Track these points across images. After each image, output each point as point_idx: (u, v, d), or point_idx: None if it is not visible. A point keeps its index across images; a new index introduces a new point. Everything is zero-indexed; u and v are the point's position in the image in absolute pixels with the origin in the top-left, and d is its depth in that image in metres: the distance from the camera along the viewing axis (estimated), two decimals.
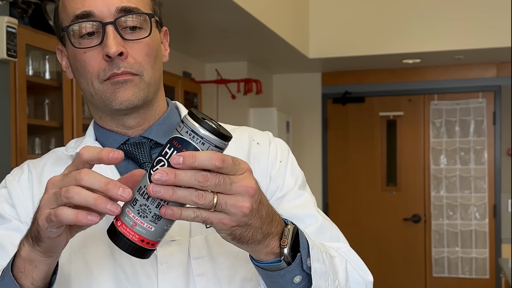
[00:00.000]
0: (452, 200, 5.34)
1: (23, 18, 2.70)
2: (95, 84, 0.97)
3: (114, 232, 0.74)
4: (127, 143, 1.02)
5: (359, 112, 5.52)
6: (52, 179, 0.74)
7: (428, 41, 4.49)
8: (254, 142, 1.07)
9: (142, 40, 0.97)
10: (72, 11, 0.97)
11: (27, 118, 2.55)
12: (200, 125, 0.70)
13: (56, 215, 0.71)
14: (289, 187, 1.05)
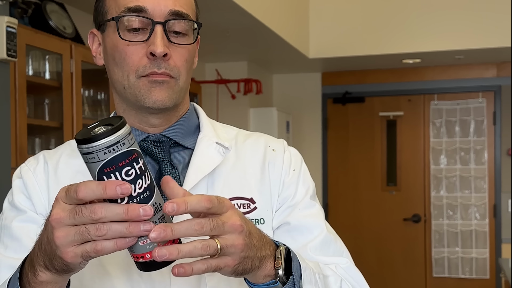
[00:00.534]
0: (452, 200, 5.34)
1: (23, 18, 2.70)
2: (131, 78, 0.98)
3: (150, 264, 0.74)
4: (147, 140, 1.03)
5: (359, 112, 5.52)
6: (56, 218, 0.72)
7: (428, 41, 4.49)
8: (270, 148, 1.09)
9: (184, 45, 0.99)
10: (125, 2, 0.97)
11: (27, 118, 2.55)
12: (94, 141, 0.68)
13: (97, 251, 0.71)
14: (300, 196, 1.07)
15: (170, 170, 1.00)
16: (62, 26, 2.91)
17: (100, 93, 3.18)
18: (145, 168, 0.72)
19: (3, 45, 2.17)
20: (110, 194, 0.69)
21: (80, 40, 3.02)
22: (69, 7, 3.16)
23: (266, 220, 1.03)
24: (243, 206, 1.01)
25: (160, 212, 0.73)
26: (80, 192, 0.70)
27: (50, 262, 0.76)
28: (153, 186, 0.73)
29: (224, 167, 1.03)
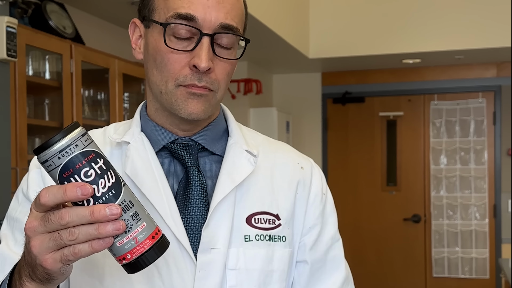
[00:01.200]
0: (452, 200, 5.34)
1: (23, 18, 2.70)
2: (169, 85, 0.95)
3: (134, 264, 0.74)
4: (176, 143, 1.01)
5: (359, 112, 5.52)
6: (30, 227, 0.73)
7: (428, 41, 4.49)
8: (298, 166, 1.08)
9: (228, 60, 0.97)
10: (175, 6, 0.94)
11: (27, 118, 2.55)
12: (46, 148, 0.69)
13: (75, 254, 0.71)
14: (332, 225, 1.09)
15: (197, 177, 0.99)
16: (62, 26, 2.91)
17: (100, 93, 3.18)
18: (107, 167, 0.72)
19: (3, 45, 2.17)
20: (71, 196, 0.69)
21: (80, 40, 3.02)
22: (69, 7, 3.16)
23: (287, 239, 1.02)
24: (269, 222, 1.01)
25: (132, 209, 0.72)
26: (42, 197, 0.70)
27: (33, 272, 0.76)
28: (120, 184, 0.72)
29: (253, 178, 1.02)
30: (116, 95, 3.19)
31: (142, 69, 3.48)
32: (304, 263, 1.06)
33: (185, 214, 0.97)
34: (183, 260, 0.95)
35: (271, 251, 0.99)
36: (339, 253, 1.10)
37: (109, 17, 3.53)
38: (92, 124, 3.09)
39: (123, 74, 3.24)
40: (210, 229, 0.96)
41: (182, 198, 0.98)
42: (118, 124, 1.09)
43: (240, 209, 0.99)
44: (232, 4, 0.96)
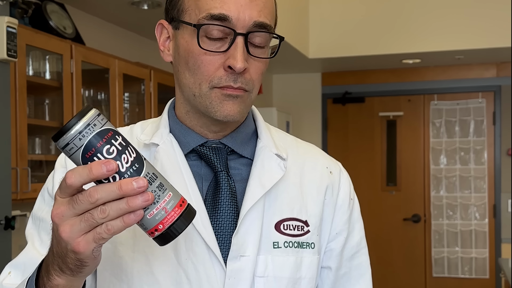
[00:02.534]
0: (452, 200, 5.34)
1: (23, 18, 2.70)
2: (203, 87, 0.93)
3: (166, 234, 0.74)
4: (205, 146, 0.99)
5: (359, 112, 5.52)
6: (58, 213, 0.72)
7: (428, 41, 4.49)
8: (327, 170, 1.07)
9: (262, 59, 0.95)
10: (208, 6, 0.91)
11: (27, 118, 2.55)
12: (66, 131, 0.70)
13: (108, 230, 0.70)
14: (358, 231, 1.09)
15: (227, 181, 0.98)
16: (62, 26, 2.91)
17: (100, 93, 3.18)
18: (126, 143, 0.72)
19: (3, 45, 2.17)
20: (97, 174, 0.69)
21: (80, 40, 3.03)
22: (69, 7, 3.16)
23: (316, 245, 1.01)
24: (298, 228, 0.99)
25: (157, 181, 0.73)
26: (68, 179, 0.70)
27: (64, 263, 0.75)
28: (141, 158, 0.73)
29: (282, 183, 1.00)
30: (116, 95, 3.19)
31: (142, 69, 3.48)
32: (328, 269, 1.05)
33: (215, 219, 0.96)
34: (212, 267, 0.94)
35: (300, 258, 0.98)
36: (365, 261, 1.09)
37: (109, 17, 3.53)
38: None
39: (123, 74, 3.25)
40: (239, 236, 0.95)
41: (211, 203, 0.97)
42: (145, 123, 1.07)
43: (269, 215, 0.98)
44: (265, 1, 0.94)
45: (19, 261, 0.98)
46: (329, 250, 1.04)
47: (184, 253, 0.93)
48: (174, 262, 0.94)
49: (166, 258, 0.94)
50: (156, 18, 3.84)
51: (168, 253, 0.94)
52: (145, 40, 4.06)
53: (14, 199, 2.38)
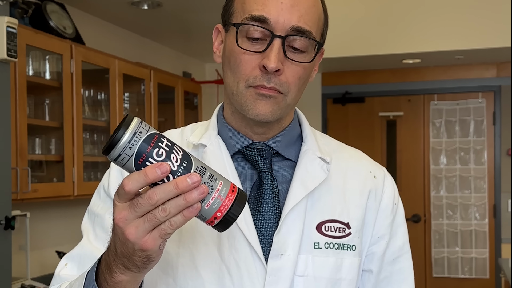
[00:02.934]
0: (452, 200, 5.34)
1: (23, 18, 2.70)
2: (240, 86, 0.97)
3: (225, 221, 0.77)
4: (250, 147, 1.03)
5: (359, 112, 5.52)
6: (121, 218, 0.75)
7: (428, 41, 4.49)
8: (371, 175, 1.09)
9: (300, 63, 0.97)
10: (250, 8, 0.96)
11: (27, 118, 2.55)
12: (116, 143, 0.74)
13: (171, 226, 0.75)
14: (401, 235, 1.09)
15: (270, 182, 1.01)
16: (62, 26, 2.91)
17: (100, 93, 3.18)
18: (171, 143, 0.76)
19: (3, 45, 2.17)
20: (153, 177, 0.73)
21: (80, 40, 3.02)
22: (69, 7, 3.16)
23: (357, 247, 1.03)
24: (339, 230, 1.01)
25: (207, 172, 0.77)
26: (126, 186, 0.74)
27: (130, 261, 0.78)
28: (187, 154, 0.77)
29: (325, 186, 1.03)
30: (116, 95, 3.19)
31: (142, 69, 3.48)
32: (369, 272, 1.07)
33: (257, 218, 0.99)
34: (254, 264, 0.97)
35: (340, 260, 1.00)
36: (408, 265, 1.10)
37: (109, 17, 3.53)
38: (92, 124, 3.10)
39: (123, 74, 3.25)
40: (281, 235, 0.98)
41: (255, 203, 1.00)
42: (195, 125, 1.11)
43: (311, 216, 1.00)
44: (307, 8, 0.97)
45: (75, 254, 1.03)
46: (370, 254, 1.06)
47: (227, 249, 0.97)
48: (217, 258, 0.98)
49: (210, 254, 0.98)
50: (156, 18, 3.84)
51: (212, 249, 0.98)
52: (145, 40, 4.06)
53: (14, 199, 2.38)
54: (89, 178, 3.08)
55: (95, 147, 3.17)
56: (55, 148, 2.84)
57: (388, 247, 1.07)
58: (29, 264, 2.84)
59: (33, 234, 2.98)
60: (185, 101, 4.09)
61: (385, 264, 1.07)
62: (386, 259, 1.07)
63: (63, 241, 3.24)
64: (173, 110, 3.89)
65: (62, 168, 2.81)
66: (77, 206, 3.35)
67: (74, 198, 2.89)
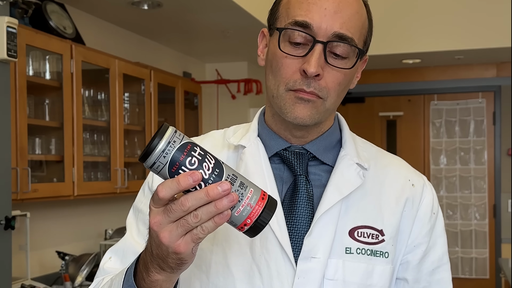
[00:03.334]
0: (452, 200, 5.34)
1: (23, 18, 2.70)
2: (280, 89, 0.99)
3: (255, 227, 0.80)
4: (288, 150, 1.05)
5: (359, 112, 5.52)
6: (155, 222, 0.79)
7: (428, 41, 4.49)
8: (410, 183, 1.08)
9: (340, 69, 0.98)
10: (294, 13, 0.98)
11: (27, 118, 2.55)
12: (151, 152, 0.77)
13: (203, 231, 0.77)
14: (440, 246, 1.09)
15: (305, 185, 1.02)
16: (63, 26, 2.91)
17: (100, 93, 3.18)
18: (204, 152, 0.79)
19: (3, 45, 2.17)
20: (185, 185, 0.76)
21: (80, 40, 3.03)
22: (69, 8, 3.16)
23: (390, 255, 1.03)
24: (372, 236, 1.02)
25: (238, 180, 0.79)
26: (160, 193, 0.77)
27: (164, 263, 0.81)
28: (219, 163, 0.80)
29: (360, 192, 1.03)
30: (116, 95, 3.19)
31: (142, 69, 3.48)
32: (404, 281, 1.07)
33: (290, 221, 1.01)
34: (284, 265, 0.98)
35: (372, 266, 1.01)
36: (447, 277, 1.09)
37: (109, 17, 3.53)
38: (92, 124, 3.10)
39: (123, 74, 3.25)
40: (312, 238, 0.99)
41: (289, 205, 1.02)
42: (237, 127, 1.14)
43: (344, 221, 1.01)
44: (350, 15, 0.98)
45: (119, 248, 1.07)
46: (405, 262, 1.06)
47: (259, 249, 0.99)
48: (248, 257, 1.00)
49: (242, 253, 1.01)
50: (156, 18, 3.84)
51: (244, 248, 1.01)
52: (145, 40, 4.06)
53: (14, 199, 2.38)
54: (89, 178, 3.08)
55: (95, 147, 3.17)
56: (55, 148, 2.84)
57: (427, 257, 1.07)
58: (29, 264, 2.84)
59: (33, 234, 2.98)
60: (185, 101, 4.09)
61: (423, 274, 1.07)
62: (424, 269, 1.07)
63: (63, 241, 3.24)
64: (173, 110, 3.89)
65: (62, 168, 2.81)
66: (77, 206, 3.35)
67: (74, 198, 2.89)
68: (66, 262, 2.98)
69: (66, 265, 2.98)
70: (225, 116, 4.84)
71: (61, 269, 2.97)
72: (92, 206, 3.48)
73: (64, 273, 2.96)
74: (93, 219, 3.50)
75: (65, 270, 2.97)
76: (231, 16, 3.49)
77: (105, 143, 3.19)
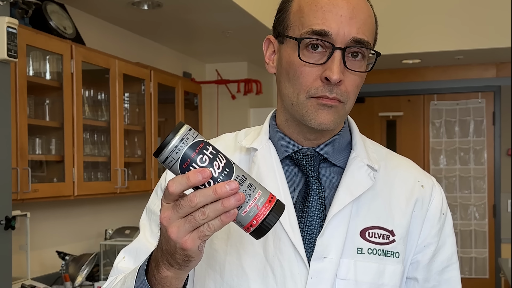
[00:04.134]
0: (451, 200, 5.34)
1: (23, 18, 2.70)
2: (300, 97, 1.00)
3: (260, 229, 0.81)
4: (300, 152, 1.06)
5: (359, 112, 5.53)
6: (165, 217, 0.81)
7: (428, 41, 4.49)
8: (419, 184, 1.10)
9: (358, 72, 1.01)
10: (310, 23, 0.98)
11: (27, 118, 2.55)
12: (164, 147, 0.80)
13: (209, 228, 0.79)
14: (449, 246, 1.10)
15: (317, 187, 1.04)
16: (63, 26, 2.91)
17: (100, 93, 3.18)
18: (216, 152, 0.81)
19: (3, 45, 2.18)
20: (194, 181, 0.78)
21: (80, 41, 3.03)
22: (69, 8, 3.17)
23: (401, 255, 1.04)
24: (383, 237, 1.03)
25: (247, 181, 0.81)
26: (170, 187, 0.79)
27: (173, 258, 0.83)
28: (230, 163, 0.81)
29: (371, 193, 1.05)
30: (117, 95, 3.19)
31: (142, 69, 3.48)
32: (414, 280, 1.08)
33: (303, 222, 1.02)
34: (297, 265, 1.00)
35: (383, 266, 1.02)
36: (455, 276, 1.11)
37: (109, 18, 3.54)
38: (93, 124, 3.10)
39: (124, 75, 3.25)
40: (324, 239, 1.01)
41: (301, 206, 1.03)
42: (249, 130, 1.16)
43: (355, 222, 1.03)
44: (364, 19, 1.02)
45: (132, 248, 1.10)
46: (415, 262, 1.08)
47: (272, 250, 1.01)
48: (262, 258, 1.02)
49: (255, 253, 1.02)
50: (156, 18, 3.84)
51: (257, 249, 1.02)
52: (145, 40, 4.06)
53: (14, 199, 2.38)
54: (89, 178, 3.08)
55: (95, 147, 3.17)
56: (55, 148, 2.84)
57: (437, 256, 1.08)
58: (29, 264, 2.84)
59: (33, 234, 2.98)
60: (185, 101, 4.09)
61: (433, 274, 1.08)
62: (433, 268, 1.08)
63: (63, 241, 3.25)
64: (173, 110, 3.89)
65: (63, 168, 2.81)
66: (77, 206, 3.35)
67: (74, 198, 2.90)
68: (66, 262, 2.99)
69: (66, 265, 2.99)
70: (225, 116, 4.84)
71: (61, 269, 2.98)
72: (92, 206, 3.48)
73: (64, 273, 2.96)
74: (93, 219, 3.51)
75: (65, 270, 2.97)
76: (231, 16, 3.49)
77: (105, 143, 3.20)
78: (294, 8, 1.02)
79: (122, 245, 3.09)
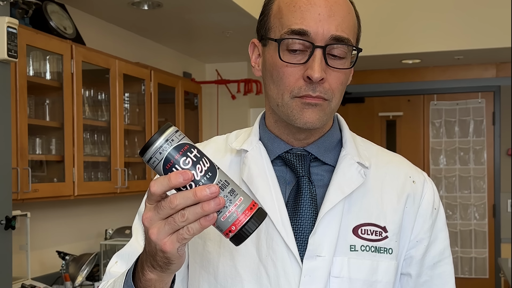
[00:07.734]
0: (451, 200, 5.35)
1: (23, 18, 2.71)
2: (285, 97, 1.01)
3: (239, 235, 0.81)
4: (290, 152, 1.07)
5: (359, 112, 5.53)
6: (146, 217, 0.81)
7: (427, 41, 4.49)
8: (410, 180, 1.10)
9: (341, 69, 1.01)
10: (289, 23, 0.99)
11: (27, 118, 2.56)
12: (149, 147, 0.80)
13: (188, 231, 0.79)
14: (442, 240, 1.10)
15: (308, 186, 1.04)
16: (63, 26, 2.91)
17: (100, 93, 3.19)
18: (200, 155, 0.81)
19: (4, 45, 2.18)
20: (175, 183, 0.77)
21: (80, 41, 3.03)
22: (69, 8, 3.17)
23: (394, 251, 1.05)
24: (375, 234, 1.04)
25: (229, 187, 0.80)
26: (152, 188, 0.79)
27: (154, 260, 0.83)
28: (214, 167, 0.81)
29: (362, 190, 1.05)
30: (117, 95, 3.19)
31: (142, 69, 3.48)
32: (408, 276, 1.09)
33: (295, 221, 1.03)
34: (290, 264, 1.00)
35: (376, 262, 1.03)
36: (448, 270, 1.11)
37: (109, 17, 3.54)
38: (93, 124, 3.10)
39: (124, 75, 3.25)
40: (316, 237, 1.01)
41: (293, 206, 1.04)
42: (239, 131, 1.16)
43: (347, 220, 1.03)
44: (343, 16, 1.00)
45: (125, 252, 1.11)
46: (408, 257, 1.08)
47: (265, 250, 1.02)
48: (255, 258, 1.02)
49: (248, 254, 1.03)
50: (156, 18, 3.83)
51: (250, 250, 1.03)
52: (145, 40, 4.06)
53: (14, 199, 2.38)
54: (89, 178, 3.08)
55: (95, 147, 3.17)
56: (56, 148, 2.84)
57: (429, 251, 1.09)
58: (29, 264, 2.84)
59: (34, 234, 2.98)
60: (185, 101, 4.09)
61: (425, 268, 1.09)
62: (426, 263, 1.09)
63: (63, 241, 3.25)
64: (173, 110, 3.89)
65: (63, 168, 2.81)
66: (77, 206, 3.35)
67: (75, 198, 2.90)
68: (66, 262, 2.99)
69: (67, 265, 2.99)
70: (225, 116, 4.84)
71: (61, 269, 2.98)
72: (92, 206, 3.48)
73: (64, 273, 2.96)
74: (93, 219, 3.51)
75: (65, 270, 2.98)
76: (231, 16, 3.49)
77: (105, 143, 3.20)
78: (274, 10, 1.03)
79: (122, 245, 3.08)
